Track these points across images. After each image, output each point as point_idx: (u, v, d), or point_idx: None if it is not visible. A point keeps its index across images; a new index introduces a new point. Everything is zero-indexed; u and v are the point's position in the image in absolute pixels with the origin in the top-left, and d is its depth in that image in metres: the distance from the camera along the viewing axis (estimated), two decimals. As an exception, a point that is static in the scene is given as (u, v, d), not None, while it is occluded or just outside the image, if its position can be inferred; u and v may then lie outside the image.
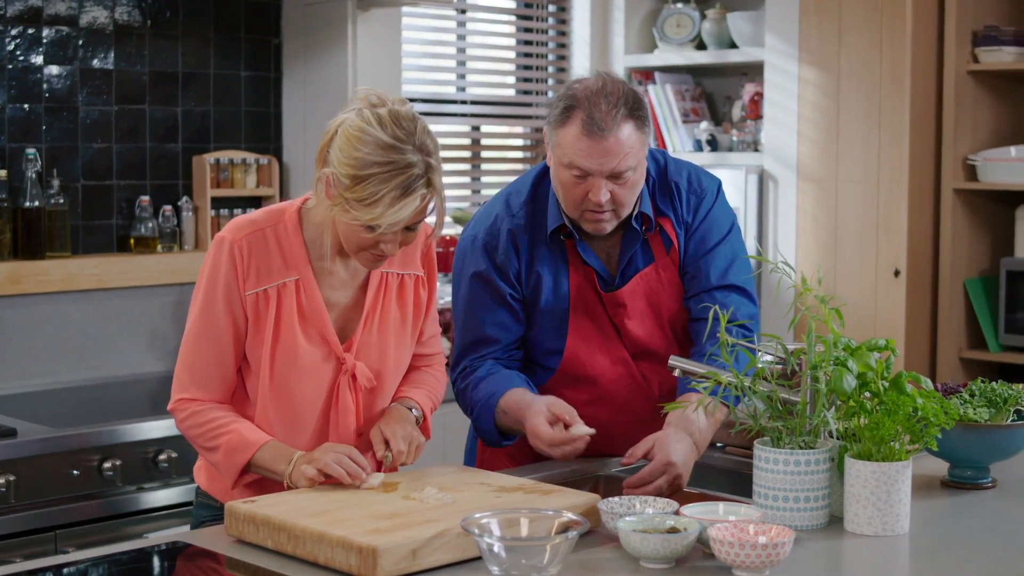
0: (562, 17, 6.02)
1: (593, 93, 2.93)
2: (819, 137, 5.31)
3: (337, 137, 2.65)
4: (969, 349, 5.30)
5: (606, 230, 3.02)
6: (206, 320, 2.75)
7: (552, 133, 3.00)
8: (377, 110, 2.65)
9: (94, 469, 3.81)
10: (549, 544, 2.20)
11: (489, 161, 5.90)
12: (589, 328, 3.13)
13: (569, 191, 2.98)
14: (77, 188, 4.52)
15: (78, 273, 4.43)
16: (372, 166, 2.59)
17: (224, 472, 2.75)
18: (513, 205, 3.15)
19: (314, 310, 2.77)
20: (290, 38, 4.99)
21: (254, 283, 2.74)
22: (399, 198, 2.59)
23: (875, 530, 2.50)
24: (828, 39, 5.26)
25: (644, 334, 3.13)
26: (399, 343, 2.87)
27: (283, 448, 2.73)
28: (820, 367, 2.55)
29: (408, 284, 2.88)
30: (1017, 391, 2.89)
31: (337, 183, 2.63)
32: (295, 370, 2.76)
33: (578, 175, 2.94)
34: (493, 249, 3.11)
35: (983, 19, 5.24)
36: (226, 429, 2.73)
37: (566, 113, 2.95)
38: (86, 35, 4.51)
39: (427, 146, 2.64)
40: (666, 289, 3.13)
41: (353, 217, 2.62)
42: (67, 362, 4.48)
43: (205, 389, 2.77)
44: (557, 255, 3.11)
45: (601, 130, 2.89)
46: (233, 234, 2.75)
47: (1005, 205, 5.38)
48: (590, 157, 2.91)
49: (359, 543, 2.29)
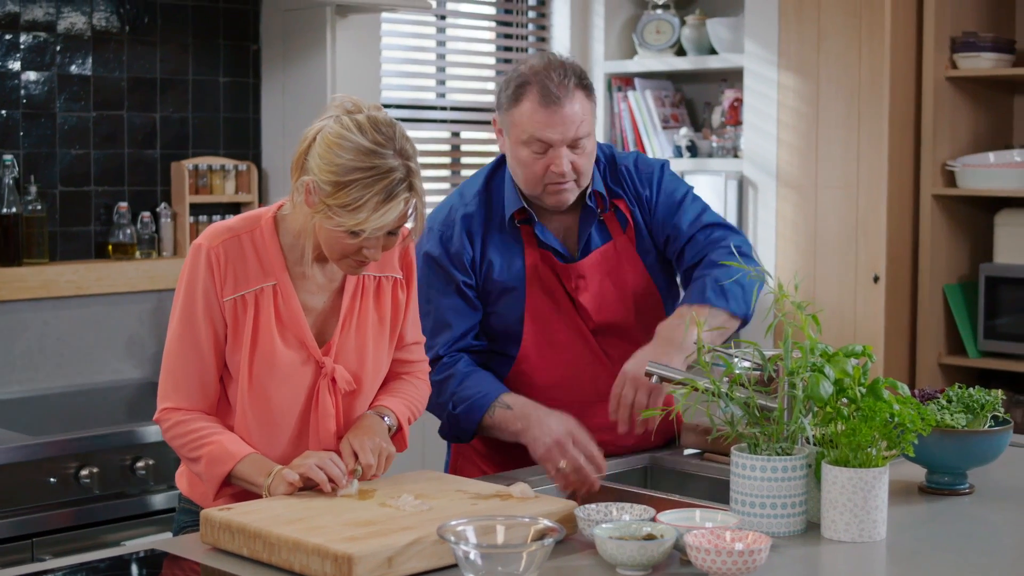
0: (542, 23, 6.02)
1: (542, 68, 3.02)
2: (798, 143, 5.32)
3: (316, 144, 2.65)
4: (948, 355, 5.31)
5: (569, 200, 3.10)
6: (186, 328, 2.75)
7: (505, 116, 3.07)
8: (355, 116, 2.65)
9: (71, 476, 3.79)
10: (525, 551, 2.19)
11: (469, 167, 5.89)
12: (546, 305, 3.15)
13: (530, 168, 3.05)
14: (55, 194, 4.51)
15: (56, 280, 4.42)
16: (354, 172, 2.59)
17: (206, 482, 2.75)
18: (466, 195, 3.21)
19: (291, 315, 2.77)
20: (269, 44, 4.98)
21: (231, 289, 2.74)
22: (383, 203, 2.60)
23: (852, 536, 2.50)
24: (807, 45, 5.27)
25: (604, 307, 3.17)
26: (377, 345, 2.87)
27: (263, 461, 2.72)
28: (797, 373, 2.55)
29: (385, 286, 2.89)
30: (994, 397, 2.89)
31: (318, 190, 2.62)
32: (274, 375, 2.76)
33: (538, 150, 3.02)
34: (448, 239, 3.16)
35: (961, 25, 5.25)
36: (208, 440, 2.72)
37: (519, 92, 3.03)
38: (64, 41, 4.49)
39: (407, 151, 2.65)
40: (624, 265, 3.18)
41: (336, 223, 2.62)
42: (44, 369, 4.46)
43: (188, 398, 2.76)
44: (511, 241, 3.16)
45: (557, 99, 2.99)
46: (209, 241, 2.75)
47: (984, 211, 5.39)
48: (550, 127, 3.00)
49: (334, 551, 2.28)
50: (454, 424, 3.13)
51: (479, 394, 3.07)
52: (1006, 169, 5.13)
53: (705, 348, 2.65)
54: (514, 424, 3.02)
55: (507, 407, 3.05)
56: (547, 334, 3.16)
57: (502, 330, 3.18)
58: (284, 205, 2.81)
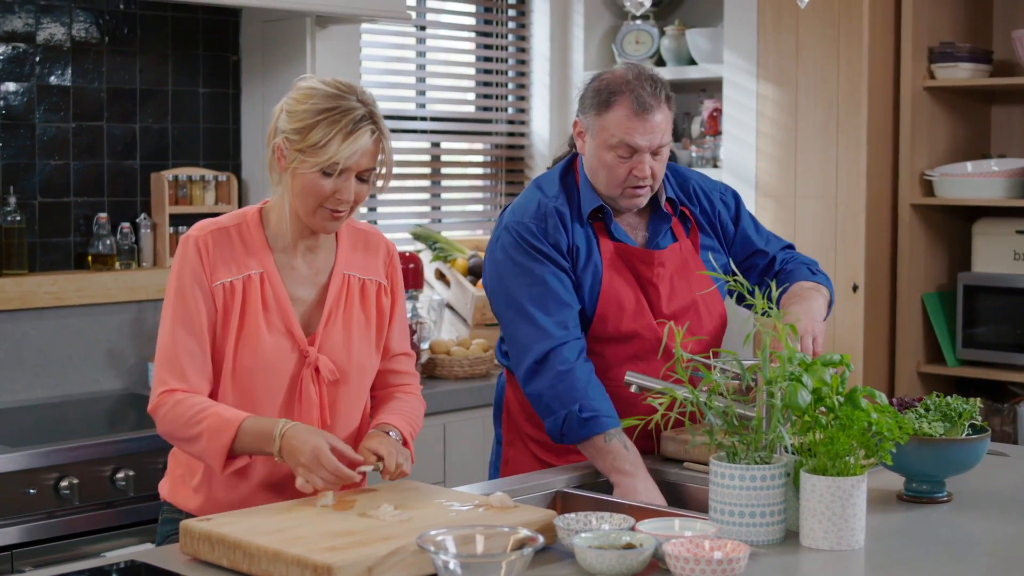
0: (522, 34, 6.03)
1: (635, 78, 3.21)
2: (777, 153, 5.33)
3: (281, 111, 2.80)
4: (927, 364, 5.33)
5: (643, 203, 3.30)
6: (180, 311, 2.80)
7: (594, 120, 3.24)
8: (317, 77, 2.83)
9: (51, 488, 3.78)
10: (504, 560, 2.20)
11: (449, 177, 5.90)
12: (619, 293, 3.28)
13: (614, 170, 3.22)
14: (34, 205, 4.50)
15: (35, 291, 4.41)
16: (319, 114, 2.75)
17: (211, 458, 2.75)
18: (548, 192, 3.34)
19: (278, 301, 2.83)
20: (248, 55, 4.98)
21: (220, 275, 2.81)
22: (349, 134, 2.74)
23: (830, 545, 2.51)
24: (786, 56, 5.29)
25: (675, 298, 3.32)
26: (363, 342, 2.92)
27: (262, 424, 2.73)
28: (775, 382, 2.56)
29: (370, 289, 2.95)
30: (972, 405, 2.90)
31: (288, 144, 2.77)
32: (259, 362, 2.81)
33: (624, 154, 3.20)
34: (543, 231, 3.27)
35: (939, 35, 5.28)
36: (205, 414, 2.74)
37: (611, 98, 3.20)
38: (43, 52, 4.49)
39: (368, 99, 2.81)
40: (691, 264, 3.36)
41: (311, 164, 2.74)
42: (23, 380, 4.45)
43: (183, 379, 2.78)
44: (590, 233, 3.31)
45: (649, 107, 3.18)
46: (198, 232, 2.85)
47: (962, 220, 5.42)
48: (640, 134, 3.18)
49: (314, 561, 2.28)
50: (571, 425, 3.13)
51: (606, 414, 3.11)
52: (984, 179, 5.15)
53: (684, 359, 2.66)
54: (622, 463, 3.08)
55: (624, 445, 3.10)
56: (616, 321, 3.27)
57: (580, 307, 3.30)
58: (269, 201, 2.90)
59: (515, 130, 6.04)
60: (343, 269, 2.92)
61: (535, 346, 3.17)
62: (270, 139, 2.83)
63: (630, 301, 3.28)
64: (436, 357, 5.04)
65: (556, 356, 3.15)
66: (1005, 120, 5.56)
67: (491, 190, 6.02)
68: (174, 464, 2.96)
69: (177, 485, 2.91)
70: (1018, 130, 5.52)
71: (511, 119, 6.04)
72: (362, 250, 2.98)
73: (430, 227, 5.66)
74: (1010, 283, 5.15)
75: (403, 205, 5.71)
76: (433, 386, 4.88)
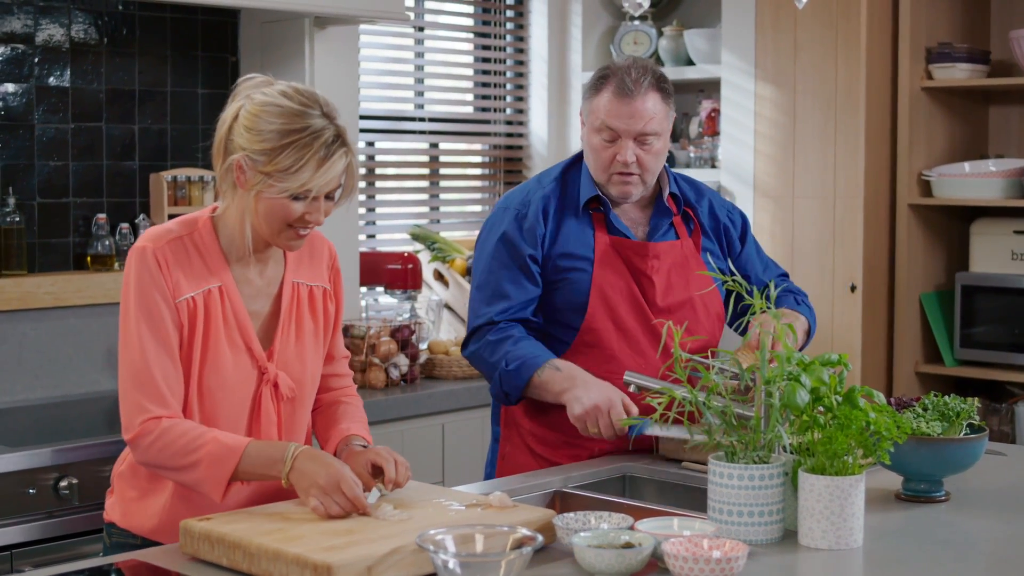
0: (520, 35, 6.04)
1: (625, 64, 3.31)
2: (775, 153, 5.34)
3: (238, 123, 2.66)
4: (925, 363, 5.33)
5: (631, 193, 3.34)
6: (150, 327, 2.66)
7: (586, 104, 3.35)
8: (274, 87, 2.70)
9: (50, 488, 3.79)
10: (504, 560, 2.20)
11: (448, 178, 5.90)
12: (614, 284, 3.33)
13: (599, 154, 3.31)
14: (33, 206, 4.50)
15: (34, 291, 4.41)
16: (287, 135, 2.62)
17: (210, 486, 2.63)
18: (543, 181, 3.44)
19: (238, 318, 2.74)
20: (247, 56, 4.98)
21: (183, 290, 2.69)
22: (323, 160, 2.62)
23: (829, 544, 2.52)
24: (784, 56, 5.30)
25: (670, 292, 3.36)
26: (315, 353, 2.87)
27: (269, 448, 2.64)
28: (774, 382, 2.57)
29: (317, 295, 2.88)
30: (969, 405, 2.91)
31: (251, 164, 2.63)
32: (219, 381, 2.71)
33: (608, 138, 3.28)
34: (523, 216, 3.36)
35: (936, 36, 5.28)
36: (203, 440, 2.62)
37: (600, 82, 3.31)
38: (42, 53, 4.49)
39: (332, 111, 2.70)
40: (690, 261, 3.38)
41: (280, 189, 2.63)
42: (23, 381, 4.45)
43: (164, 404, 2.66)
44: (585, 225, 3.36)
45: (630, 92, 3.25)
46: (154, 243, 2.70)
47: (959, 220, 5.42)
48: (619, 118, 3.25)
49: (314, 560, 2.28)
50: (505, 380, 3.27)
51: (531, 355, 3.25)
52: (981, 179, 5.16)
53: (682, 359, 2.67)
54: (560, 384, 3.20)
55: (556, 368, 3.23)
56: (610, 310, 3.31)
57: (568, 301, 3.34)
58: (217, 207, 2.78)
59: (513, 131, 6.05)
60: (292, 278, 2.84)
61: (481, 311, 3.33)
62: (221, 150, 2.69)
63: (622, 293, 3.32)
64: (434, 357, 5.05)
65: (492, 328, 3.30)
66: (1003, 120, 5.56)
67: (489, 190, 6.02)
68: (123, 487, 2.83)
69: (131, 508, 2.80)
70: (1016, 130, 5.53)
71: (509, 120, 6.04)
72: (307, 255, 2.88)
73: (428, 228, 5.67)
74: (1008, 283, 5.16)
75: (401, 206, 5.71)
76: (431, 386, 4.89)
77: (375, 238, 5.54)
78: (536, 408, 3.36)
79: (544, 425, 3.37)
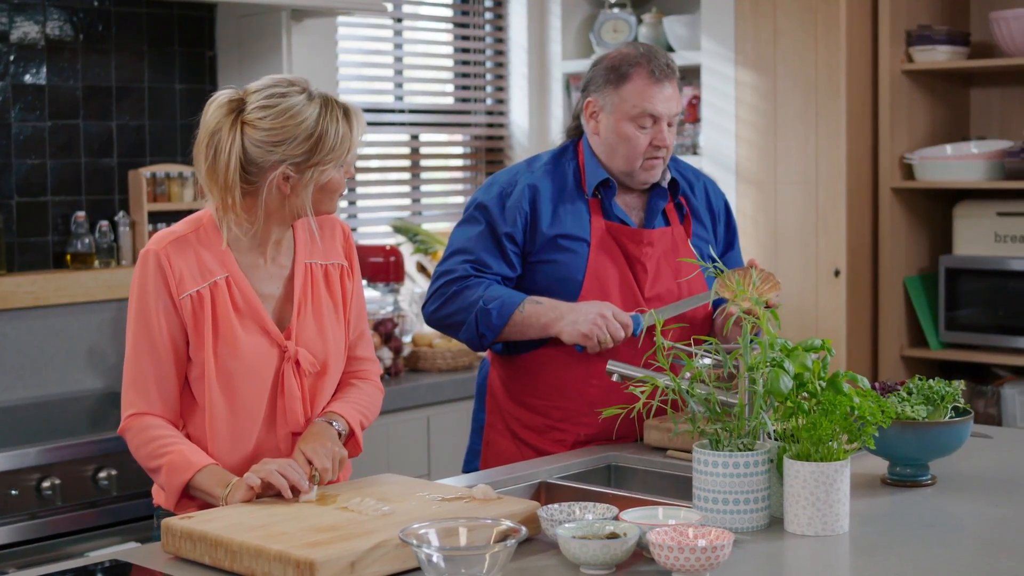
0: (499, 24, 6.02)
1: (646, 50, 3.35)
2: (757, 139, 5.33)
3: (256, 146, 2.74)
4: (910, 347, 5.33)
5: (657, 176, 3.39)
6: (143, 333, 2.79)
7: (612, 95, 3.34)
8: (263, 93, 2.78)
9: (33, 488, 3.77)
10: (488, 552, 2.19)
11: (428, 170, 5.89)
12: (607, 268, 3.34)
13: (634, 142, 3.32)
14: (11, 205, 4.47)
15: (14, 291, 4.39)
16: (317, 122, 2.73)
17: (167, 492, 2.77)
18: (534, 167, 3.45)
19: (248, 303, 2.82)
20: (224, 50, 4.96)
21: (187, 286, 2.78)
22: (347, 122, 2.77)
23: (815, 530, 2.51)
24: (763, 41, 5.28)
25: (660, 279, 3.37)
26: (335, 329, 2.93)
27: (221, 473, 2.74)
28: (757, 369, 2.56)
29: (333, 274, 2.96)
30: (954, 388, 2.90)
31: (295, 167, 2.74)
32: (239, 364, 2.80)
33: (645, 124, 3.31)
34: (507, 195, 3.38)
35: (916, 19, 5.28)
36: (169, 448, 2.75)
37: (628, 71, 3.33)
38: (17, 50, 4.46)
39: (303, 83, 2.81)
40: (680, 249, 3.41)
41: (334, 167, 2.77)
42: (4, 381, 4.43)
43: (149, 403, 2.79)
44: (580, 211, 3.37)
45: (666, 76, 3.33)
46: (157, 245, 2.81)
47: (942, 203, 5.42)
48: (659, 101, 3.31)
49: (296, 557, 2.27)
50: (483, 320, 3.27)
51: (509, 295, 3.27)
52: (963, 161, 5.15)
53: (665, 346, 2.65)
54: (546, 315, 3.24)
55: (537, 303, 3.26)
56: (604, 295, 3.32)
57: (561, 279, 3.34)
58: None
59: (494, 121, 6.03)
60: (304, 258, 2.91)
61: (457, 266, 3.34)
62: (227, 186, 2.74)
63: (615, 280, 3.33)
64: (418, 350, 5.03)
65: (464, 279, 3.31)
66: (984, 102, 5.56)
67: (471, 182, 6.00)
68: None
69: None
70: (997, 112, 5.52)
71: (490, 110, 6.02)
72: (319, 236, 2.95)
73: (410, 220, 5.65)
74: (992, 265, 5.15)
75: (383, 198, 5.69)
76: (416, 379, 4.88)
77: (356, 231, 5.52)
78: (522, 393, 3.37)
79: (531, 410, 3.37)
